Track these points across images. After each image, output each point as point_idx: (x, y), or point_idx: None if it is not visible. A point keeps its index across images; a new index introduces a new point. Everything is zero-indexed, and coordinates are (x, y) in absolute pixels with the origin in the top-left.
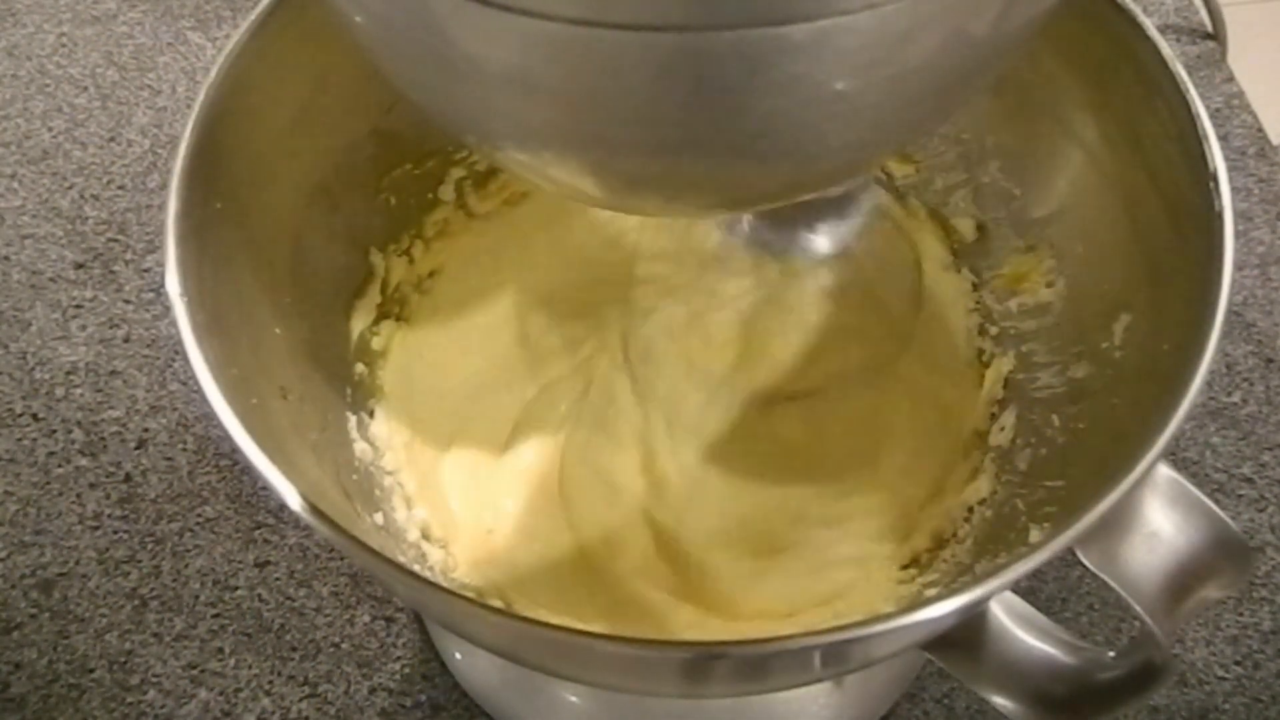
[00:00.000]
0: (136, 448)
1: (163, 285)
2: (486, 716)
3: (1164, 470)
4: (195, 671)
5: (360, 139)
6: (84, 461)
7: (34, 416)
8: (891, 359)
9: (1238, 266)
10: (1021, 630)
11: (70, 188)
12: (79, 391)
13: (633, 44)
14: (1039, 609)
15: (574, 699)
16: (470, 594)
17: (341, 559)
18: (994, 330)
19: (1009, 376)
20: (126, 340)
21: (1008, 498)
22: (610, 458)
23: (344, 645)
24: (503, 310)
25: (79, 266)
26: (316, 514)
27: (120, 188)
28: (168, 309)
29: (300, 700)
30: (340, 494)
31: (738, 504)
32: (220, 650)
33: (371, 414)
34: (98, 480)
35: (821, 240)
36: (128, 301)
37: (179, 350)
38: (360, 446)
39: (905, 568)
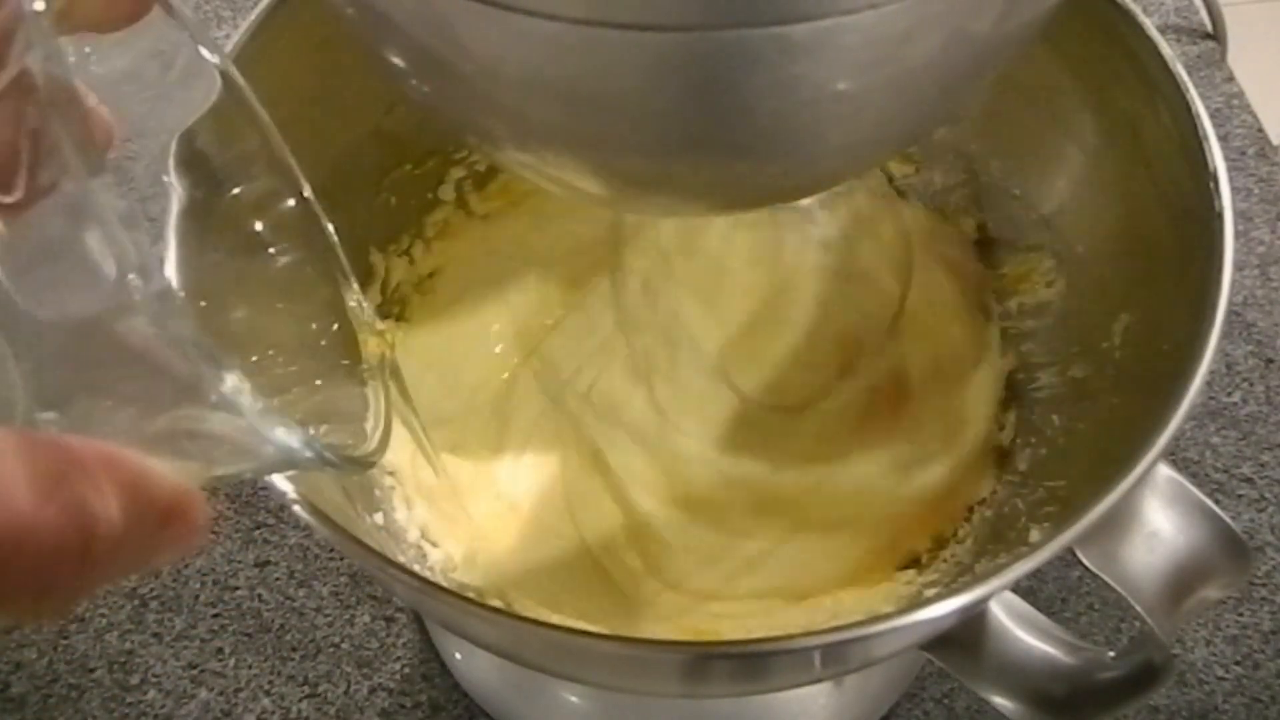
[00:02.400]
0: None
1: None
2: (486, 716)
3: (1164, 470)
4: (195, 671)
5: (360, 139)
6: None
7: None
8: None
9: (1238, 266)
10: (1021, 630)
11: None
12: None
13: (636, 44)
14: (1039, 609)
15: (574, 699)
16: (470, 594)
17: (341, 559)
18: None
19: (1009, 376)
20: None
21: (1008, 498)
22: (617, 458)
23: (344, 645)
24: (502, 310)
25: None
26: (316, 514)
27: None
28: None
29: (300, 700)
30: (340, 494)
31: (740, 510)
32: (220, 650)
33: None
34: None
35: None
36: None
37: None
38: None
39: (905, 568)
